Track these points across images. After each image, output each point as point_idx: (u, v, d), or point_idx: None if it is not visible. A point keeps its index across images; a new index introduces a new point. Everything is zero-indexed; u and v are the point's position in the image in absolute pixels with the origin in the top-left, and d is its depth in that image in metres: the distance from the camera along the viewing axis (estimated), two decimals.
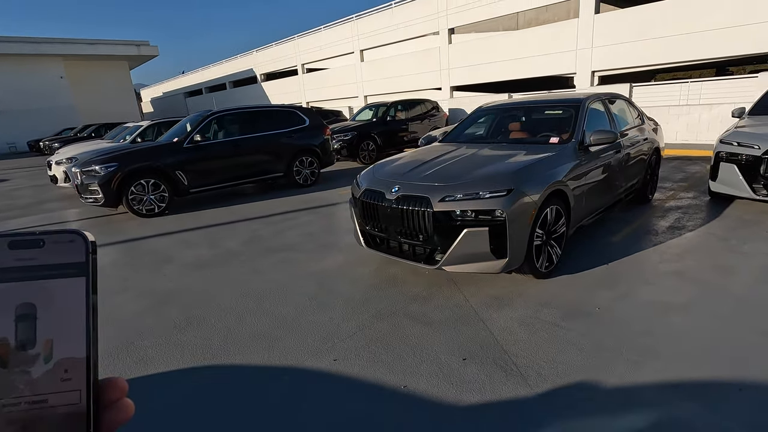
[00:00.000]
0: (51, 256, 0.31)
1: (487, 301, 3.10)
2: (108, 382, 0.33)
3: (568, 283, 3.29)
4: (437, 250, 3.18)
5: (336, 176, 9.26)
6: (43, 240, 0.31)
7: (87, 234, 0.32)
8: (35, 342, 0.30)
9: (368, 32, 21.76)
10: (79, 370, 0.31)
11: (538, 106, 4.83)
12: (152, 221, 6.31)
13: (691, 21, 11.76)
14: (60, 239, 0.32)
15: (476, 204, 3.03)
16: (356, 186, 3.81)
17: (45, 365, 0.30)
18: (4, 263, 0.30)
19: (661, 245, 3.97)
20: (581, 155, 3.74)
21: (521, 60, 15.84)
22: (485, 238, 2.99)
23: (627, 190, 4.73)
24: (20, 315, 0.30)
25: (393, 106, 11.66)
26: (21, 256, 0.31)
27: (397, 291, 3.36)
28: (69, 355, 0.31)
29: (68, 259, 0.31)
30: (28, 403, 0.30)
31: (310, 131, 8.18)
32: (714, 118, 9.23)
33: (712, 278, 3.19)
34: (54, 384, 0.30)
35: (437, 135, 8.19)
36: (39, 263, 0.31)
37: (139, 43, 31.47)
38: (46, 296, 0.31)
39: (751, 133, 4.69)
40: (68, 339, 0.31)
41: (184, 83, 41.80)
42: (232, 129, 7.49)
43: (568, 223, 3.57)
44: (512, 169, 3.30)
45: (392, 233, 3.40)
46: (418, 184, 3.31)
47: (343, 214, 6.01)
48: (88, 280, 0.32)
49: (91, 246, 0.32)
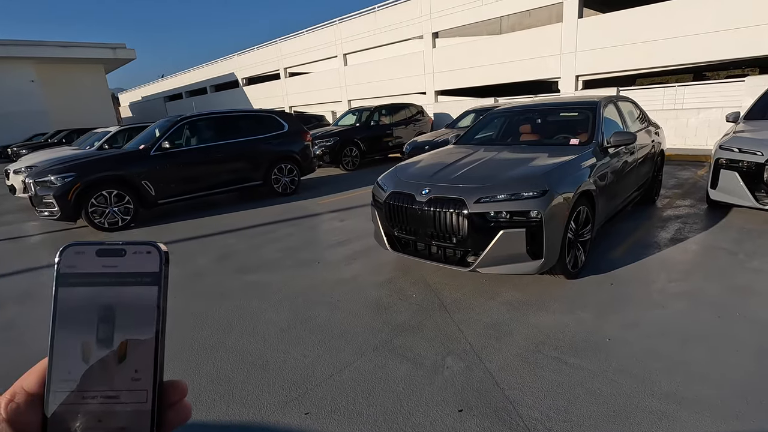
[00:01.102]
0: (131, 265, 0.34)
1: (483, 330, 2.74)
2: (171, 384, 0.35)
3: (572, 308, 2.95)
4: (469, 252, 3.16)
5: (318, 184, 8.84)
6: (125, 250, 0.34)
7: (162, 246, 0.35)
8: (113, 342, 0.32)
9: (352, 36, 21.45)
10: (148, 371, 0.33)
11: (552, 109, 4.82)
12: (114, 236, 5.79)
13: (672, 26, 11.78)
14: (139, 250, 0.34)
15: (512, 205, 3.01)
16: (379, 189, 3.74)
17: (119, 365, 0.32)
18: (92, 269, 0.33)
19: (666, 261, 3.67)
20: (601, 156, 3.75)
21: (506, 64, 15.71)
22: (522, 238, 2.98)
23: (638, 190, 4.80)
24: (102, 316, 0.33)
25: (377, 110, 11.32)
26: (106, 264, 0.33)
27: (382, 320, 2.97)
28: (140, 357, 0.32)
29: (145, 269, 0.34)
30: (104, 397, 0.32)
31: (289, 137, 7.75)
32: (702, 123, 9.15)
33: (728, 302, 2.89)
34: (126, 382, 0.32)
35: (423, 140, 7.89)
36: (120, 271, 0.33)
37: (115, 46, 30.45)
38: (124, 301, 0.33)
39: (753, 139, 4.47)
40: (140, 342, 0.33)
41: (164, 87, 40.84)
42: (205, 135, 7.01)
43: (593, 223, 3.57)
44: (544, 170, 3.27)
45: (422, 236, 3.34)
46: (450, 186, 3.26)
47: (325, 225, 5.60)
48: (160, 289, 0.34)
49: (164, 257, 0.34)
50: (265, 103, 28.26)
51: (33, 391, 0.32)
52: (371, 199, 3.93)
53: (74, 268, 0.33)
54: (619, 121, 4.53)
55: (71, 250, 0.34)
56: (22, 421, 0.31)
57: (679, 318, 2.73)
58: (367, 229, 5.16)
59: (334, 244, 4.73)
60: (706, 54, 11.49)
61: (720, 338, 2.48)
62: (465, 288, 3.38)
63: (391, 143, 11.18)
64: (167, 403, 0.34)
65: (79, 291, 0.33)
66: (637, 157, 4.52)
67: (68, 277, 0.33)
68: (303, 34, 24.57)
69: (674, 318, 2.73)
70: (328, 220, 5.91)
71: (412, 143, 7.88)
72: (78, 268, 0.33)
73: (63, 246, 0.34)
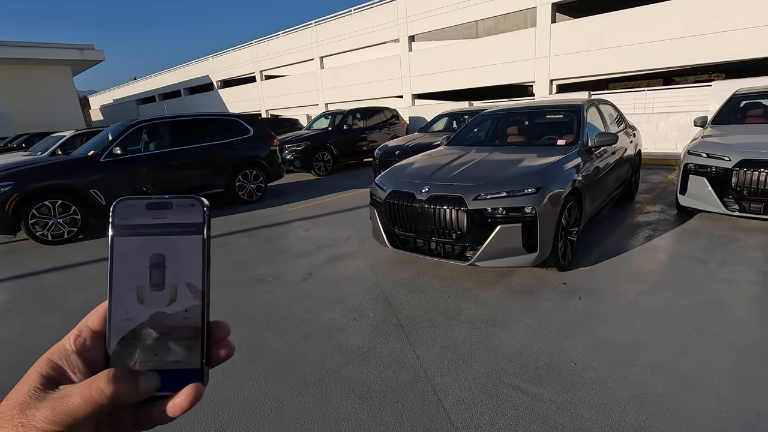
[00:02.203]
0: (177, 217, 0.36)
1: (441, 355, 2.50)
2: (216, 324, 0.37)
3: (538, 326, 2.74)
4: (468, 247, 3.31)
5: (288, 190, 8.51)
6: (171, 203, 0.36)
7: (204, 200, 0.37)
8: (164, 286, 0.35)
9: (328, 38, 21.18)
10: (196, 311, 0.35)
11: (538, 111, 5.10)
12: (59, 250, 5.34)
13: (643, 32, 11.95)
14: (184, 203, 0.36)
15: (509, 201, 3.17)
16: (378, 189, 3.87)
17: (171, 305, 0.35)
18: (143, 221, 0.35)
19: (636, 272, 3.52)
20: (586, 156, 3.97)
21: (482, 68, 15.71)
22: (518, 233, 3.15)
23: (619, 187, 5.03)
24: (154, 263, 0.35)
25: (350, 114, 11.06)
26: (155, 216, 0.36)
27: (333, 344, 2.70)
28: (189, 298, 0.35)
29: (190, 220, 0.36)
30: (159, 334, 0.35)
31: (254, 142, 7.40)
32: (671, 127, 9.23)
33: (699, 317, 2.73)
34: (177, 321, 0.35)
35: (395, 145, 7.67)
36: (168, 222, 0.36)
37: (82, 47, 29.26)
38: (173, 249, 0.35)
39: (720, 144, 4.40)
40: (188, 285, 0.35)
41: (137, 90, 39.63)
42: (162, 140, 6.61)
43: (581, 218, 3.80)
44: (538, 168, 3.47)
45: (422, 232, 3.48)
46: (449, 185, 3.42)
47: (288, 235, 5.29)
48: (203, 238, 0.36)
49: (207, 209, 0.37)
50: (241, 106, 27.67)
51: (97, 329, 0.36)
52: (369, 199, 4.05)
53: (127, 220, 0.36)
54: (601, 123, 4.74)
55: (123, 204, 0.36)
56: (88, 354, 0.34)
57: (648, 338, 2.55)
58: (332, 239, 4.89)
59: (294, 257, 4.44)
60: (674, 59, 11.69)
61: (692, 361, 2.30)
62: (426, 305, 3.14)
63: (365, 148, 10.93)
64: (213, 341, 0.37)
65: (132, 240, 0.35)
66: (618, 157, 4.74)
67: (122, 228, 0.35)
68: (279, 37, 24.16)
69: (644, 338, 2.55)
70: (292, 229, 5.61)
71: (383, 148, 7.65)
72: (130, 220, 0.36)
73: (115, 201, 0.36)
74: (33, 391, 0.31)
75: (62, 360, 0.34)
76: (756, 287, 3.06)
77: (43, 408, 0.30)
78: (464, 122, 8.79)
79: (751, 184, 4.03)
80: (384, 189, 3.78)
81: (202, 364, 0.35)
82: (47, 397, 0.31)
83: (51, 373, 0.33)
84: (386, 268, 3.93)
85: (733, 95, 5.58)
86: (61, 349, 0.34)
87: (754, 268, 3.38)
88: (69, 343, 0.35)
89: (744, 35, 10.50)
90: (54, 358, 0.34)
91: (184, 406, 0.34)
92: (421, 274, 3.73)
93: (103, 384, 0.31)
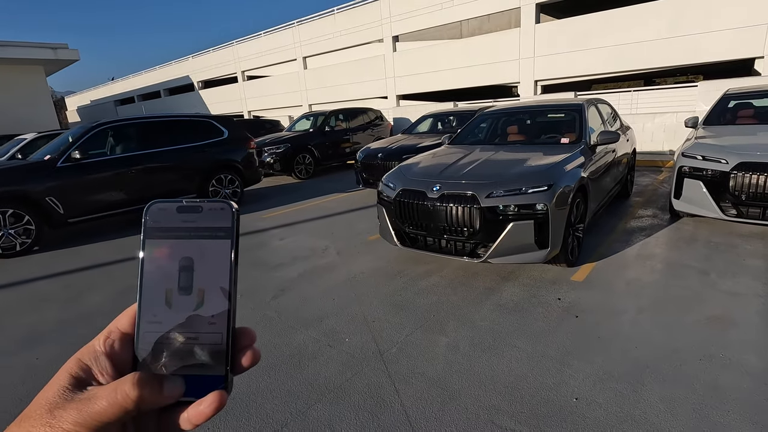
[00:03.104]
0: (207, 221, 0.36)
1: (425, 390, 2.19)
2: (242, 331, 0.37)
3: (533, 351, 2.46)
4: (480, 244, 3.34)
5: (266, 194, 8.12)
6: (202, 207, 0.36)
7: (234, 204, 0.36)
8: (192, 290, 0.35)
9: (311, 39, 20.77)
10: (222, 317, 0.35)
11: (540, 110, 5.17)
12: (9, 263, 4.87)
13: (625, 33, 11.93)
14: (214, 207, 0.36)
15: (521, 199, 3.21)
16: (387, 187, 3.87)
17: (198, 309, 0.35)
18: (173, 224, 0.36)
19: (634, 285, 3.27)
20: (589, 153, 4.00)
21: (467, 69, 15.54)
22: (530, 229, 3.20)
23: (617, 184, 5.12)
24: (183, 266, 0.35)
25: (333, 115, 10.70)
26: (185, 219, 0.36)
27: (302, 377, 2.36)
28: (216, 303, 0.35)
29: (219, 224, 0.36)
30: (185, 338, 0.34)
31: (229, 144, 7.00)
32: (657, 127, 9.13)
33: (708, 338, 2.48)
34: (203, 326, 0.34)
35: (377, 147, 7.35)
36: (198, 225, 0.36)
37: (55, 46, 28.09)
38: (202, 253, 0.35)
39: (716, 146, 4.21)
40: (216, 290, 0.35)
41: (115, 90, 38.52)
42: (128, 143, 6.16)
43: (586, 215, 3.85)
44: (547, 166, 3.52)
45: (433, 230, 3.48)
46: (460, 183, 3.45)
47: (261, 245, 4.92)
48: (232, 242, 0.35)
49: (236, 214, 0.36)
50: (223, 107, 27.02)
51: (125, 331, 0.36)
52: (376, 198, 4.04)
53: (158, 222, 0.36)
54: (600, 122, 4.83)
55: (155, 207, 0.36)
56: (117, 355, 0.35)
57: (654, 364, 2.28)
58: (309, 249, 4.55)
59: (267, 270, 4.08)
60: (657, 60, 11.68)
61: (707, 394, 2.04)
62: (409, 326, 2.83)
63: (348, 150, 10.58)
64: (239, 347, 0.36)
65: (163, 243, 0.36)
66: (617, 155, 4.81)
67: (153, 230, 0.36)
68: (260, 36, 23.65)
69: (649, 363, 2.28)
70: (267, 238, 5.23)
71: (365, 150, 7.33)
72: (162, 223, 0.36)
73: (148, 204, 0.36)
74: (62, 391, 0.32)
75: (91, 361, 0.34)
76: (763, 301, 2.83)
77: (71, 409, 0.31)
78: (449, 123, 8.54)
79: (749, 188, 3.83)
80: (393, 188, 3.79)
81: (226, 371, 0.34)
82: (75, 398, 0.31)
83: (80, 374, 0.33)
84: (366, 283, 3.61)
85: (724, 95, 5.43)
86: (91, 350, 0.35)
87: (758, 279, 3.16)
88: (99, 344, 0.35)
89: (723, 37, 10.53)
90: (84, 358, 0.34)
91: (207, 413, 0.33)
92: (403, 289, 3.42)
93: (129, 387, 0.31)
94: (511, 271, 3.63)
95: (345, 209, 6.38)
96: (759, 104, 5.38)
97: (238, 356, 0.36)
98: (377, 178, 6.96)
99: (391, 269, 3.87)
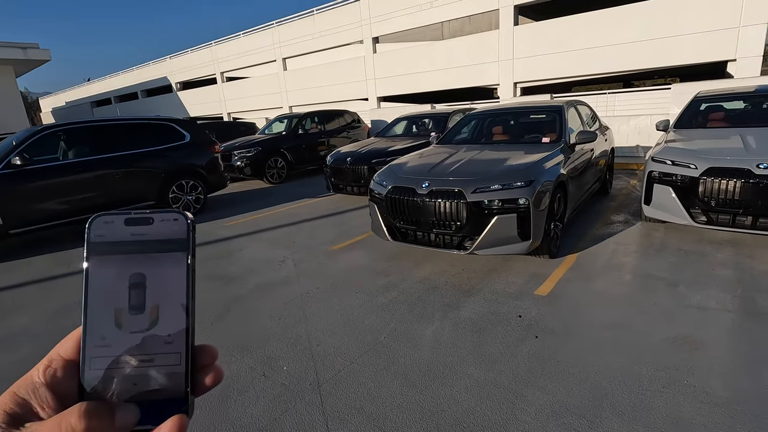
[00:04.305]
0: (159, 233, 0.33)
1: (358, 430, 1.94)
2: (201, 348, 0.35)
3: (484, 379, 2.23)
4: (467, 237, 3.53)
5: (234, 200, 7.79)
6: (152, 218, 0.34)
7: (188, 214, 0.35)
8: (145, 308, 0.32)
9: (291, 39, 20.44)
10: (180, 335, 0.32)
11: (522, 111, 5.40)
12: None
13: (602, 35, 11.94)
14: (166, 218, 0.34)
15: (504, 194, 3.41)
16: (379, 185, 4.05)
17: (152, 328, 0.32)
18: (121, 237, 0.33)
19: (599, 298, 3.09)
20: (569, 152, 4.21)
21: (447, 70, 15.42)
22: (513, 222, 3.40)
23: (597, 181, 5.34)
24: (133, 283, 0.33)
25: (307, 117, 10.42)
26: (134, 232, 0.33)
27: (226, 415, 2.09)
28: (172, 321, 0.33)
29: (173, 236, 0.33)
30: (139, 361, 0.32)
31: (191, 149, 6.66)
32: (632, 130, 9.09)
33: (674, 361, 2.29)
34: (159, 346, 0.32)
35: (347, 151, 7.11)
36: (149, 238, 0.33)
37: (25, 46, 27.09)
38: (154, 267, 0.33)
39: (685, 150, 4.08)
40: (171, 307, 0.33)
41: (91, 92, 37.48)
42: (80, 148, 5.79)
43: (566, 209, 4.04)
44: (528, 164, 3.72)
45: (423, 225, 3.67)
46: (448, 179, 3.64)
47: (216, 257, 4.61)
48: (188, 254, 0.33)
49: (191, 225, 0.34)
50: (202, 109, 26.46)
51: (69, 357, 0.33)
52: (368, 195, 4.21)
53: (103, 237, 0.33)
54: (579, 122, 5.01)
55: (100, 220, 0.34)
56: (60, 385, 0.32)
57: (614, 393, 2.08)
58: (266, 261, 4.26)
59: (217, 285, 3.80)
60: (634, 62, 11.71)
61: (668, 430, 1.84)
62: (354, 350, 2.58)
63: (324, 153, 10.26)
64: (199, 366, 0.34)
65: (110, 259, 0.33)
66: (595, 154, 5.01)
67: (98, 245, 0.33)
68: (239, 37, 23.22)
69: (608, 393, 2.08)
70: (225, 248, 4.93)
71: (335, 154, 7.08)
72: (107, 237, 0.33)
73: (91, 217, 0.33)
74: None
75: (29, 394, 0.31)
76: (732, 317, 2.67)
77: None
78: (424, 126, 8.34)
79: (718, 194, 3.70)
80: (384, 185, 3.96)
81: (186, 393, 0.33)
82: None
83: (16, 410, 0.30)
84: (318, 299, 3.35)
85: (695, 98, 5.34)
86: (28, 382, 0.32)
87: (728, 291, 3.01)
88: (38, 375, 0.32)
89: (697, 40, 10.59)
90: (20, 392, 0.31)
91: None
92: (358, 306, 3.17)
93: (75, 420, 0.29)
94: (473, 285, 3.42)
95: (312, 216, 6.11)
96: (729, 107, 5.31)
97: (199, 376, 0.34)
98: (347, 183, 6.73)
99: (348, 283, 3.62)
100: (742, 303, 2.83)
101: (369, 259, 4.18)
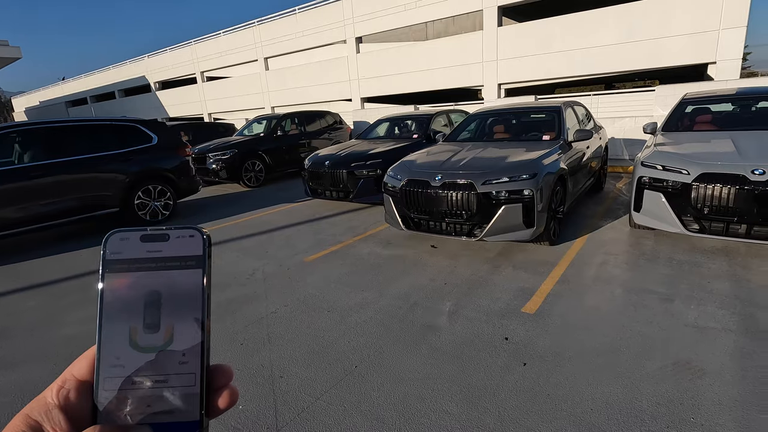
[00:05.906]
0: (175, 249, 0.33)
1: None
2: (217, 368, 0.34)
3: (466, 419, 1.96)
4: (476, 225, 3.84)
5: (207, 206, 7.40)
6: (168, 235, 0.33)
7: (205, 230, 0.34)
8: (159, 327, 0.32)
9: (272, 39, 19.99)
10: (195, 355, 0.32)
11: (523, 111, 5.70)
12: None
13: (585, 37, 11.90)
14: (182, 234, 0.33)
15: (511, 185, 3.71)
16: (394, 179, 4.33)
17: (167, 348, 0.31)
18: (136, 254, 0.33)
19: (589, 316, 2.86)
20: (567, 149, 4.52)
21: (431, 71, 15.22)
22: (519, 211, 3.69)
23: (592, 177, 5.60)
24: (148, 301, 0.32)
25: (287, 118, 10.07)
26: (150, 249, 0.33)
27: None
28: (187, 340, 0.32)
29: (189, 252, 0.33)
30: (153, 381, 0.31)
31: (158, 151, 6.26)
32: (617, 132, 9.00)
33: (675, 394, 2.05)
34: (173, 366, 0.31)
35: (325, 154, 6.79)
36: (164, 255, 0.33)
37: None
38: (170, 285, 0.32)
39: (677, 154, 3.89)
40: (186, 325, 0.32)
41: (66, 91, 36.26)
42: (35, 151, 5.35)
43: (565, 201, 4.35)
44: (532, 158, 4.02)
45: (436, 214, 3.98)
46: (459, 173, 3.94)
47: None
48: (204, 271, 0.33)
49: (207, 241, 0.33)
50: (182, 109, 25.76)
51: (83, 378, 0.32)
52: (382, 188, 4.51)
53: (119, 254, 0.33)
54: (576, 121, 5.31)
55: (116, 237, 0.33)
56: (74, 407, 0.31)
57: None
58: (234, 274, 3.91)
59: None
60: (617, 65, 11.70)
61: None
62: (323, 383, 2.28)
63: (305, 155, 9.95)
64: (215, 387, 0.33)
65: (125, 276, 0.33)
66: (591, 151, 5.32)
67: (114, 263, 0.33)
68: (220, 36, 22.65)
69: None
70: None
71: (313, 158, 6.75)
72: (123, 254, 0.33)
73: (108, 234, 0.33)
74: None
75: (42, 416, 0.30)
76: (734, 338, 2.46)
77: None
78: (406, 127, 8.07)
79: (712, 201, 3.52)
80: (399, 179, 4.25)
81: (201, 415, 0.31)
82: None
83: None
84: (286, 320, 3.04)
85: (682, 100, 5.20)
86: (41, 404, 0.31)
87: (726, 308, 2.81)
88: (51, 396, 0.31)
89: (678, 42, 10.61)
90: (33, 414, 0.31)
91: None
92: (329, 328, 2.88)
93: None
94: (455, 301, 3.16)
95: (288, 223, 5.78)
96: (716, 109, 5.18)
97: (213, 397, 0.32)
98: (325, 188, 6.41)
99: (320, 300, 3.32)
100: (743, 321, 2.63)
101: (345, 271, 3.88)
